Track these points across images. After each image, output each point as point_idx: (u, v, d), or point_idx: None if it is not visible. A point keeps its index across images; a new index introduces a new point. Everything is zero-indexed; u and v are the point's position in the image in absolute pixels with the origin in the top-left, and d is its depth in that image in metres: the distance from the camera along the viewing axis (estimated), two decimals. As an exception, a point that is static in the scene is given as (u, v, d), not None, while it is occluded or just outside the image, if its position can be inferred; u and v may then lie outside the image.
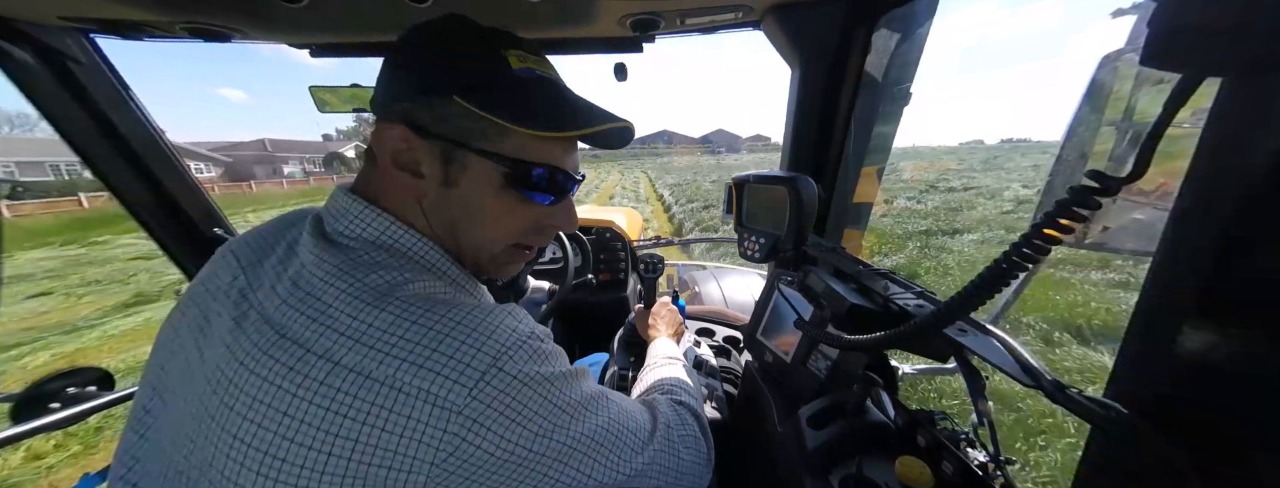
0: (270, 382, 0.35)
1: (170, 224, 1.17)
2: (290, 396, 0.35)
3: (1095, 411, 0.33)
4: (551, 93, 0.48)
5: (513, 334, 0.40)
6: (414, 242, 0.46)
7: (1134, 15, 0.56)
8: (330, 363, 0.35)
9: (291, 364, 0.36)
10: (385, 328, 0.37)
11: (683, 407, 0.61)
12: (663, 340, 0.90)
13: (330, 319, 0.37)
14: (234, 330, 0.39)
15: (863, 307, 0.58)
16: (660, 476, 0.50)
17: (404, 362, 0.35)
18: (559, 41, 0.99)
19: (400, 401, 0.35)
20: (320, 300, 0.38)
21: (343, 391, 0.35)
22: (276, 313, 0.39)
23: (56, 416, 0.89)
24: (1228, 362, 0.29)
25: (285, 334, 0.37)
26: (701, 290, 1.78)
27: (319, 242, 0.43)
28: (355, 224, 0.45)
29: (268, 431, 0.35)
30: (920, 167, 30.33)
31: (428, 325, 0.37)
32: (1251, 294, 0.27)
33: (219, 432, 0.36)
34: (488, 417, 0.37)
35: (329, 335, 0.36)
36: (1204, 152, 0.29)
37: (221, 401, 0.37)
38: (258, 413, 0.35)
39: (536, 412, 0.40)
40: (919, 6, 0.80)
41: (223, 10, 0.79)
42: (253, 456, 0.35)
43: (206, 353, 0.41)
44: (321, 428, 0.34)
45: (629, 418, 0.50)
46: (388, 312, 0.38)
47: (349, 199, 0.46)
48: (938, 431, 0.56)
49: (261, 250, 0.46)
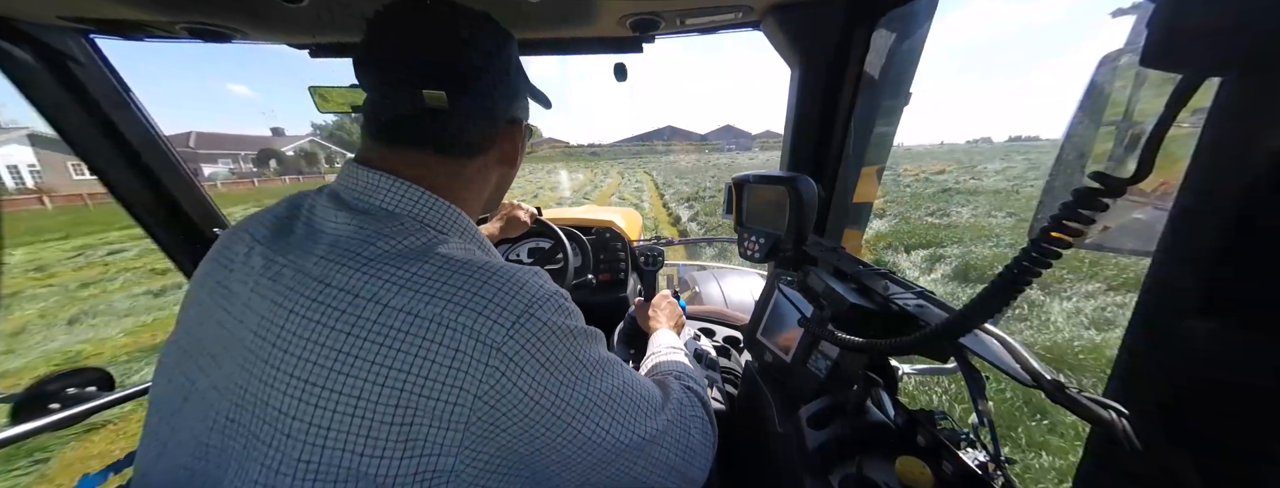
0: (323, 324, 0.38)
1: (170, 224, 1.17)
2: (344, 335, 0.37)
3: (1095, 411, 0.33)
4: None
5: (541, 289, 0.43)
6: (446, 209, 0.49)
7: (1134, 15, 0.56)
8: (380, 305, 0.38)
9: (342, 308, 0.38)
10: (429, 276, 0.40)
11: (691, 390, 0.62)
12: (664, 332, 0.90)
13: (375, 269, 0.40)
14: (273, 287, 0.41)
15: (862, 306, 0.58)
16: (671, 447, 0.51)
17: (449, 302, 0.38)
18: (559, 41, 0.99)
19: (447, 335, 0.37)
20: (361, 256, 0.41)
21: (393, 327, 0.37)
22: (316, 267, 0.41)
23: (56, 416, 0.89)
24: (1228, 362, 0.29)
25: (330, 283, 0.39)
26: (701, 290, 1.78)
27: (346, 214, 0.45)
28: (386, 197, 0.47)
29: (323, 366, 0.37)
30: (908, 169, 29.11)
31: (468, 273, 0.41)
32: (1251, 294, 0.27)
33: (273, 372, 0.38)
34: (522, 357, 0.39)
35: (375, 281, 0.39)
36: (1204, 151, 0.29)
37: (274, 346, 0.39)
38: (312, 352, 0.37)
39: (562, 362, 0.42)
40: (919, 6, 0.80)
41: (223, 10, 0.79)
42: (309, 390, 0.37)
43: (244, 316, 0.42)
44: (375, 361, 0.36)
45: (642, 386, 0.52)
46: (430, 263, 0.41)
47: (372, 174, 0.48)
48: (938, 431, 0.56)
49: (277, 228, 0.48)
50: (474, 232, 0.53)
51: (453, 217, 0.50)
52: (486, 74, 0.50)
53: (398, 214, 0.47)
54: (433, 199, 0.49)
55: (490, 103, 0.52)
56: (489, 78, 0.50)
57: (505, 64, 0.52)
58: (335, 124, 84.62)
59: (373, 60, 0.48)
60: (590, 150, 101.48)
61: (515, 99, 0.56)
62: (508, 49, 0.52)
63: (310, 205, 0.49)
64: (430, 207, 0.48)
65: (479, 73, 0.49)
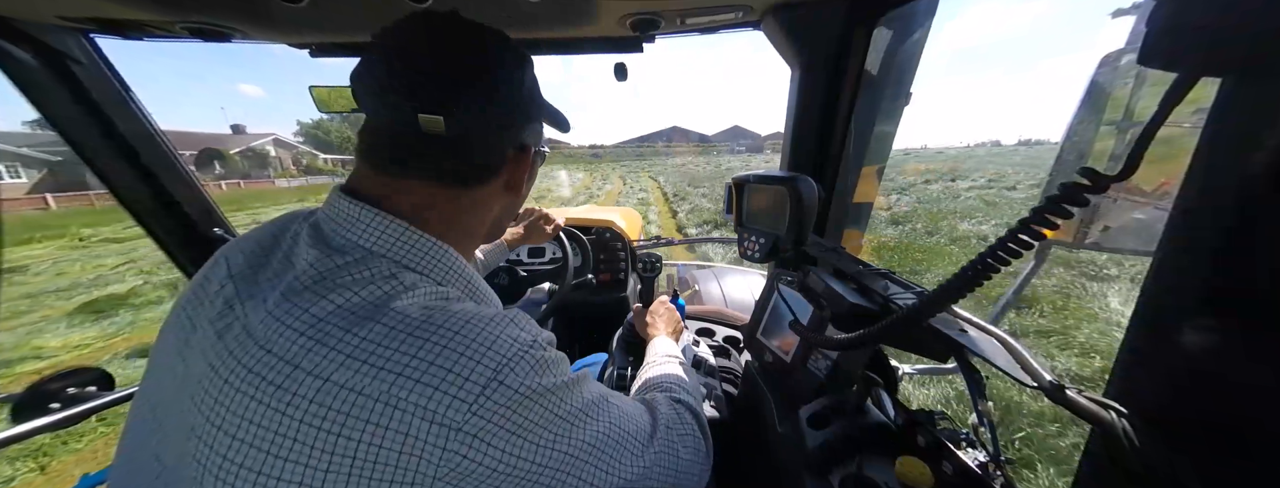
0: (257, 400, 0.34)
1: (170, 224, 1.17)
2: (280, 414, 0.33)
3: (1095, 411, 0.33)
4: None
5: (514, 344, 0.39)
6: (430, 247, 0.45)
7: (1133, 15, 0.56)
8: (320, 380, 0.34)
9: (279, 382, 0.34)
10: (379, 341, 0.35)
11: (681, 404, 0.61)
12: (661, 339, 0.90)
13: (320, 333, 0.35)
14: (216, 344, 0.38)
15: (862, 306, 0.58)
16: (660, 477, 0.50)
17: (399, 376, 0.34)
18: (559, 41, 0.99)
19: (396, 417, 0.33)
20: (309, 314, 0.36)
21: (335, 409, 0.33)
22: (261, 327, 0.37)
23: (56, 416, 0.89)
24: (1228, 362, 0.29)
25: (270, 350, 0.35)
26: (701, 290, 1.78)
27: (318, 252, 0.42)
28: (365, 233, 0.43)
29: (259, 450, 0.33)
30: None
31: (424, 337, 0.36)
32: (1251, 294, 0.27)
33: (207, 451, 0.34)
34: (488, 432, 0.35)
35: (318, 350, 0.34)
36: (1204, 151, 0.29)
37: (206, 419, 0.35)
38: (247, 432, 0.33)
39: (538, 424, 0.39)
40: (919, 6, 0.80)
41: (223, 10, 0.79)
42: (244, 476, 0.33)
43: (190, 366, 0.39)
44: (316, 447, 0.33)
45: (629, 421, 0.49)
46: (382, 324, 0.36)
47: (355, 206, 0.44)
48: (938, 431, 0.56)
49: (256, 258, 0.45)
50: (459, 271, 0.48)
51: (437, 255, 0.45)
52: (494, 97, 0.46)
53: (374, 253, 0.42)
54: (417, 236, 0.44)
55: (496, 128, 0.48)
56: (497, 101, 0.46)
57: (517, 86, 0.48)
58: (314, 123, 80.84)
59: (370, 80, 0.44)
60: (592, 152, 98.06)
61: (527, 124, 0.52)
62: (521, 71, 0.48)
63: (296, 232, 0.45)
64: (412, 245, 0.44)
65: (485, 95, 0.45)
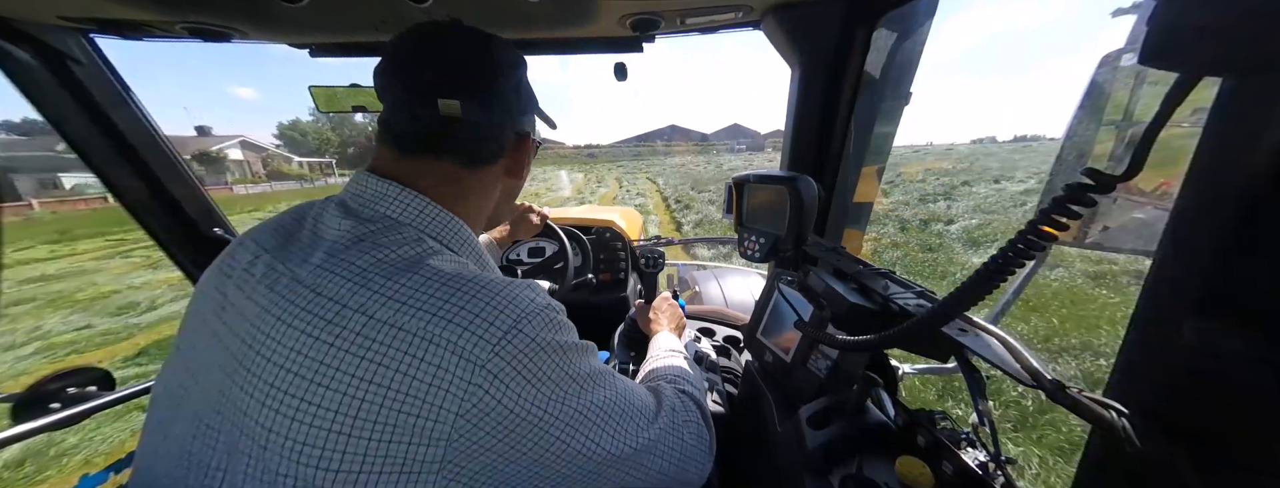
0: (308, 334, 0.38)
1: (170, 224, 1.17)
2: (327, 346, 0.37)
3: (1095, 411, 0.33)
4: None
5: (532, 303, 0.43)
6: (448, 220, 0.51)
7: (1134, 15, 0.56)
8: (365, 316, 0.38)
9: (329, 317, 0.38)
10: (417, 287, 0.40)
11: (686, 395, 0.62)
12: (664, 334, 0.91)
13: (365, 279, 0.40)
14: (267, 294, 0.42)
15: (862, 306, 0.58)
16: (665, 455, 0.52)
17: (434, 316, 0.38)
18: (559, 41, 0.99)
19: (430, 351, 0.37)
20: (354, 265, 0.41)
21: (377, 340, 0.37)
22: (310, 275, 0.41)
23: (56, 416, 0.89)
24: (1228, 362, 0.29)
25: (321, 292, 0.39)
26: (701, 290, 1.78)
27: (351, 221, 0.46)
28: (392, 205, 0.48)
29: (303, 378, 0.36)
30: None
31: (456, 287, 0.40)
32: (1251, 294, 0.27)
33: (255, 382, 0.38)
34: (507, 373, 0.39)
35: (363, 292, 0.39)
36: (1204, 151, 0.29)
37: (258, 353, 0.39)
38: (295, 362, 0.37)
39: (551, 376, 0.42)
40: (919, 6, 0.80)
41: (223, 10, 0.79)
42: (288, 402, 0.36)
43: (234, 323, 0.43)
44: (356, 375, 0.36)
45: (634, 396, 0.52)
46: (420, 275, 0.41)
47: (382, 183, 0.49)
48: (938, 431, 0.56)
49: (284, 236, 0.48)
50: (473, 244, 0.53)
51: (454, 228, 0.51)
52: (500, 89, 0.53)
53: (402, 223, 0.47)
54: (436, 210, 0.50)
55: (501, 116, 0.54)
56: (502, 93, 0.54)
57: (517, 82, 0.56)
58: (289, 124, 78.71)
59: (400, 72, 0.51)
60: (587, 152, 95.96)
61: (524, 114, 0.59)
62: (521, 69, 0.57)
63: (318, 213, 0.50)
64: (433, 217, 0.50)
65: (493, 88, 0.53)
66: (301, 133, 77.67)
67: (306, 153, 71.51)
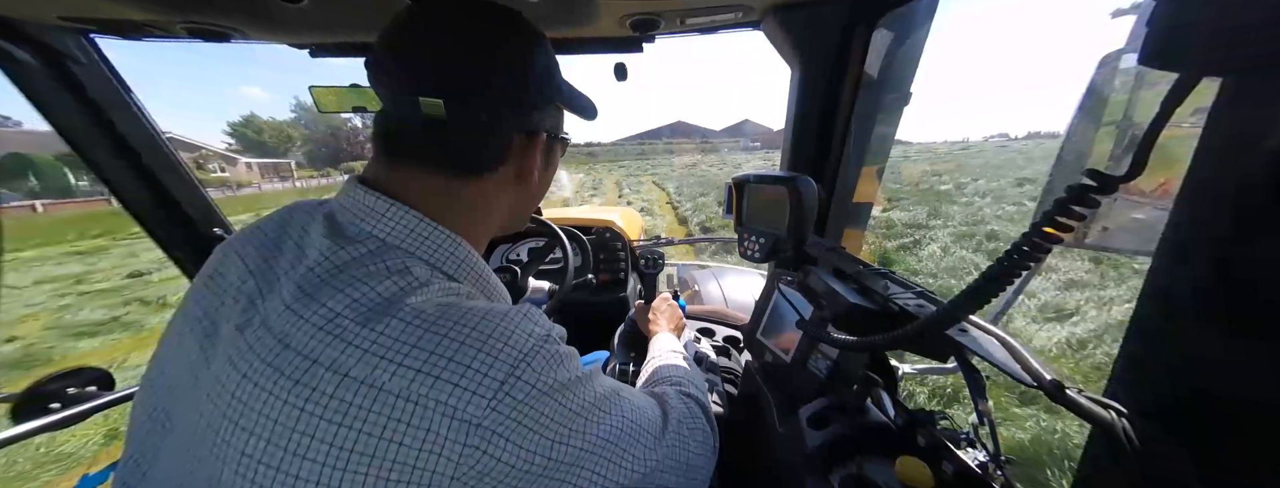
0: (276, 396, 0.34)
1: (170, 224, 1.17)
2: (298, 411, 0.33)
3: (1095, 411, 0.33)
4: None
5: (529, 339, 0.38)
6: (444, 239, 0.45)
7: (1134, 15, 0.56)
8: (339, 375, 0.33)
9: (297, 377, 0.34)
10: (397, 336, 0.35)
11: (690, 398, 0.61)
12: (664, 335, 0.90)
13: (338, 329, 0.35)
14: (236, 340, 0.37)
15: (863, 307, 0.58)
16: (673, 469, 0.50)
17: (418, 373, 0.34)
18: (559, 41, 0.99)
19: (416, 413, 0.33)
20: (326, 308, 0.36)
21: (354, 404, 0.33)
22: (278, 320, 0.37)
23: (56, 416, 0.89)
24: (1227, 362, 0.29)
25: (289, 344, 0.35)
26: (701, 290, 1.78)
27: (331, 242, 0.41)
28: (380, 224, 0.43)
29: (278, 447, 0.33)
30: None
31: (442, 333, 0.36)
32: (1251, 294, 0.27)
33: (225, 448, 0.34)
34: (506, 428, 0.35)
35: (335, 345, 0.34)
36: (1204, 152, 0.29)
37: (225, 415, 0.35)
38: (265, 429, 0.33)
39: (554, 419, 0.38)
40: (919, 6, 0.80)
41: (222, 10, 0.79)
42: (264, 473, 0.33)
43: (212, 364, 0.39)
44: (335, 445, 0.32)
45: (641, 415, 0.48)
46: (400, 319, 0.36)
47: (371, 196, 0.44)
48: (938, 431, 0.56)
49: (269, 250, 0.44)
50: (473, 265, 0.48)
51: (450, 248, 0.45)
52: (497, 78, 0.45)
53: (389, 245, 0.42)
54: (430, 227, 0.44)
55: (501, 111, 0.46)
56: (500, 82, 0.45)
57: (524, 67, 0.46)
58: (243, 120, 72.52)
59: (382, 64, 0.44)
60: (587, 151, 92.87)
61: (536, 108, 0.50)
62: (531, 51, 0.47)
63: (304, 225, 0.45)
64: (427, 237, 0.44)
65: (486, 77, 0.44)
66: (257, 131, 72.87)
67: (263, 153, 67.10)
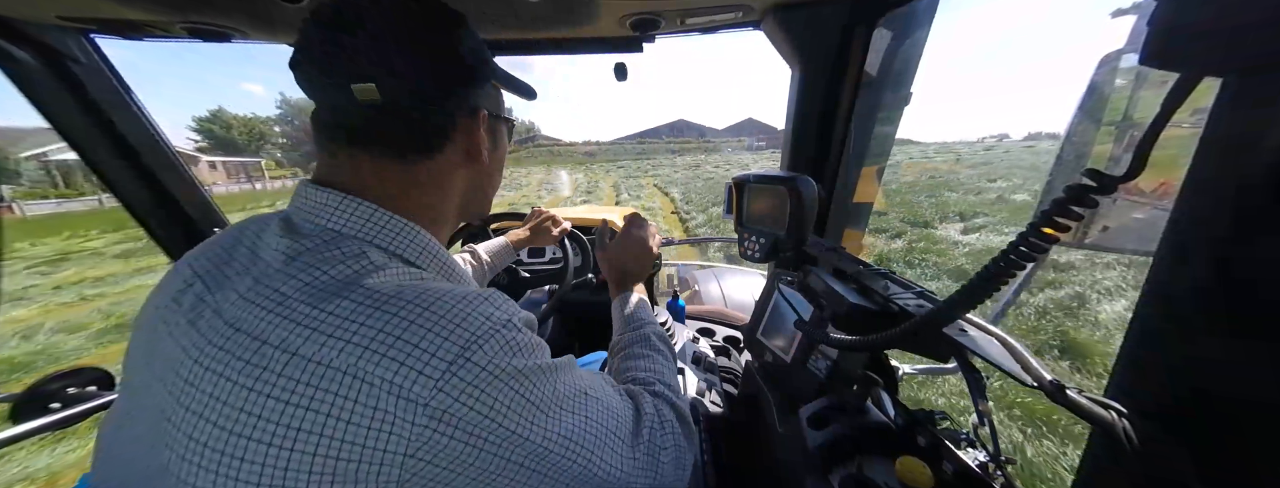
0: (226, 377, 0.33)
1: (170, 224, 1.17)
2: (247, 390, 0.33)
3: (1095, 411, 0.33)
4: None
5: (486, 322, 0.37)
6: (399, 226, 0.45)
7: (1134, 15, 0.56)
8: (287, 354, 0.33)
9: (247, 357, 0.34)
10: (346, 315, 0.35)
11: (663, 400, 0.57)
12: (631, 296, 0.78)
13: (287, 310, 0.35)
14: (189, 332, 0.37)
15: (863, 307, 0.58)
16: (641, 483, 0.48)
17: (365, 350, 0.33)
18: (559, 41, 0.99)
19: (364, 390, 0.33)
20: (278, 292, 0.36)
21: (302, 382, 0.33)
22: (231, 308, 0.37)
23: (56, 416, 0.89)
24: (1227, 362, 0.29)
25: (240, 328, 0.35)
26: (701, 290, 1.78)
27: (287, 240, 0.41)
28: (333, 217, 0.43)
29: (224, 430, 0.32)
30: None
31: (392, 312, 0.35)
32: (1251, 294, 0.27)
33: (174, 434, 0.34)
34: (455, 410, 0.35)
35: (284, 325, 0.34)
36: (1204, 152, 0.29)
37: (177, 401, 0.35)
38: (214, 412, 0.33)
39: (509, 407, 0.37)
40: (919, 6, 0.80)
41: (222, 10, 0.79)
42: (210, 457, 0.32)
43: (157, 362, 0.39)
44: (282, 423, 0.32)
45: (611, 418, 0.46)
46: (350, 299, 0.35)
47: (321, 192, 0.44)
48: (938, 431, 0.56)
49: (221, 257, 0.43)
50: (434, 251, 0.48)
51: (408, 235, 0.45)
52: (426, 58, 0.44)
53: (344, 235, 0.42)
54: (385, 216, 0.44)
55: (437, 90, 0.46)
56: (430, 63, 0.44)
57: (452, 46, 0.46)
58: (210, 116, 68.52)
59: (302, 59, 0.43)
60: (584, 150, 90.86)
61: (471, 85, 0.49)
62: (455, 30, 0.46)
63: (258, 231, 0.45)
64: (381, 225, 0.44)
65: (415, 58, 0.43)
66: (225, 127, 68.01)
67: (231, 151, 62.84)
